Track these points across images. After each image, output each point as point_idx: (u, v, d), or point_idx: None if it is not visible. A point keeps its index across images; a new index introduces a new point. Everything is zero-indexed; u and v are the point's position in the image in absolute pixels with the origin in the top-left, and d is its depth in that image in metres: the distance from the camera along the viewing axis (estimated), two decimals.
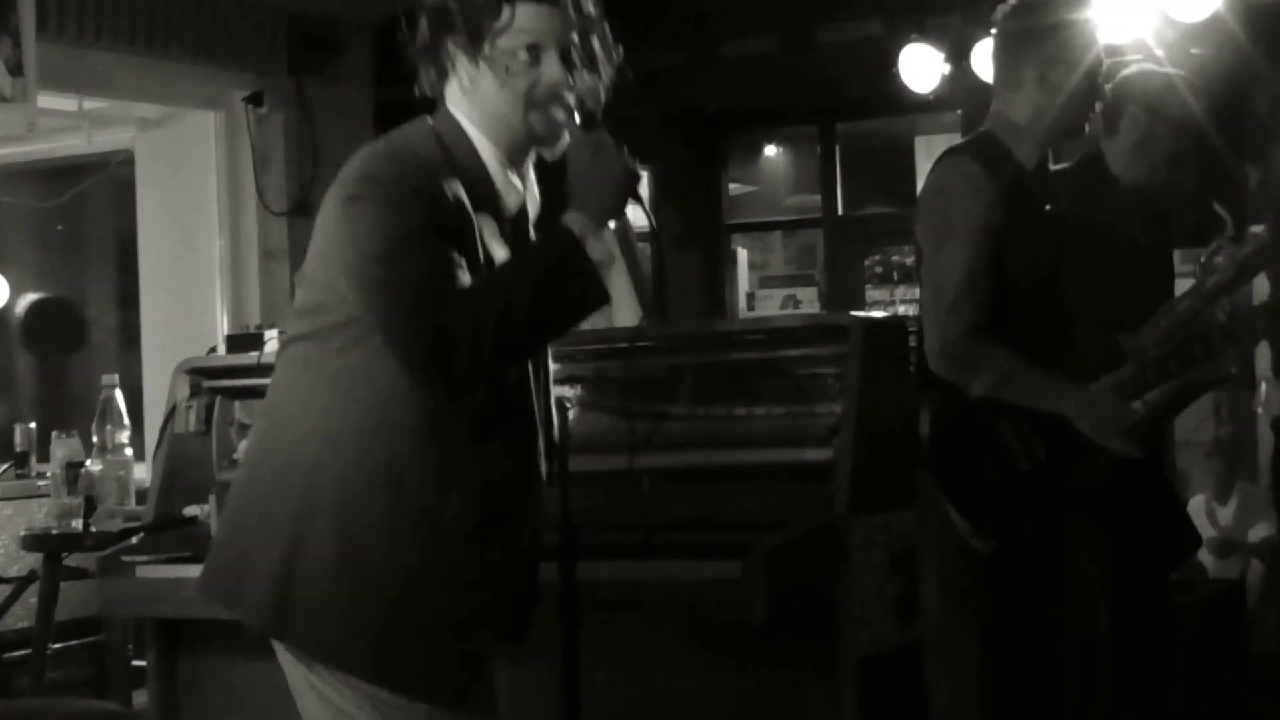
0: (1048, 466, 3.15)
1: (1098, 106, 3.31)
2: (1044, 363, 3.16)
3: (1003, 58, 3.32)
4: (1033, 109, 3.24)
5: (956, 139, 4.04)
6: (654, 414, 3.31)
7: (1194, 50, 5.48)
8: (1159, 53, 5.52)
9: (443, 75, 2.25)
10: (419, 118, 2.26)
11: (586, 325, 2.25)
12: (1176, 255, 3.93)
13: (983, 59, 5.73)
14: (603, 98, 2.32)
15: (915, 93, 6.32)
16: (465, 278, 2.11)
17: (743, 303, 8.92)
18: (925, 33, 6.29)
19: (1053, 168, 3.49)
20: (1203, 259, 3.50)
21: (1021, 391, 3.12)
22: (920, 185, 3.38)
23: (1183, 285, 3.64)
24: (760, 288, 9.29)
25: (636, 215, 2.37)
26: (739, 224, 9.18)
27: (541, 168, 2.34)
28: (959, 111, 7.22)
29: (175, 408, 3.75)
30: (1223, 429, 6.87)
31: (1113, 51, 3.65)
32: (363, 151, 2.22)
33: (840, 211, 8.45)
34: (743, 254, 9.25)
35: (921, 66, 6.27)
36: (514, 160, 2.28)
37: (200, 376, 3.75)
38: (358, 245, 2.14)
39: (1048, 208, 3.28)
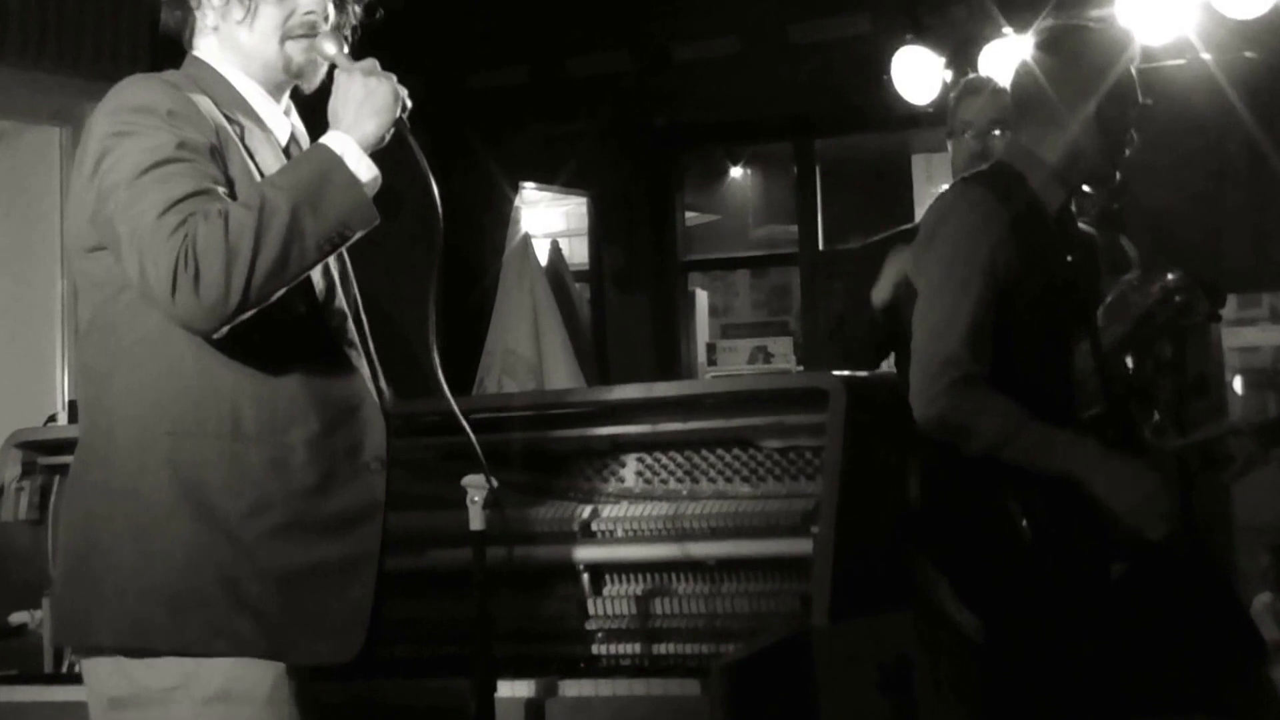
0: (1059, 543, 3.20)
1: (1128, 151, 3.42)
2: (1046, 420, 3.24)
3: (1043, 85, 3.41)
4: (1069, 148, 3.34)
5: None
6: (592, 496, 3.33)
7: (1247, 53, 5.61)
8: (1206, 55, 5.65)
9: (188, 15, 2.63)
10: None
11: (515, 387, 2.36)
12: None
13: (990, 66, 5.82)
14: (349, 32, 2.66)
15: (911, 103, 6.40)
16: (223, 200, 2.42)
17: (702, 356, 8.97)
18: (922, 33, 6.40)
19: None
20: (1107, 299, 3.63)
21: (1028, 448, 3.18)
22: (919, 213, 3.47)
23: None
24: (723, 338, 9.35)
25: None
26: (697, 261, 9.24)
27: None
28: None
29: (2, 490, 3.73)
30: None
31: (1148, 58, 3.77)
32: (106, 97, 2.53)
33: (821, 245, 8.52)
34: (702, 297, 9.31)
35: (918, 72, 6.36)
36: (276, 96, 2.64)
37: (34, 452, 3.74)
38: (117, 179, 2.44)
39: (1069, 259, 3.36)
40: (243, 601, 2.43)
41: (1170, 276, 3.81)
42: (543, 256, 7.84)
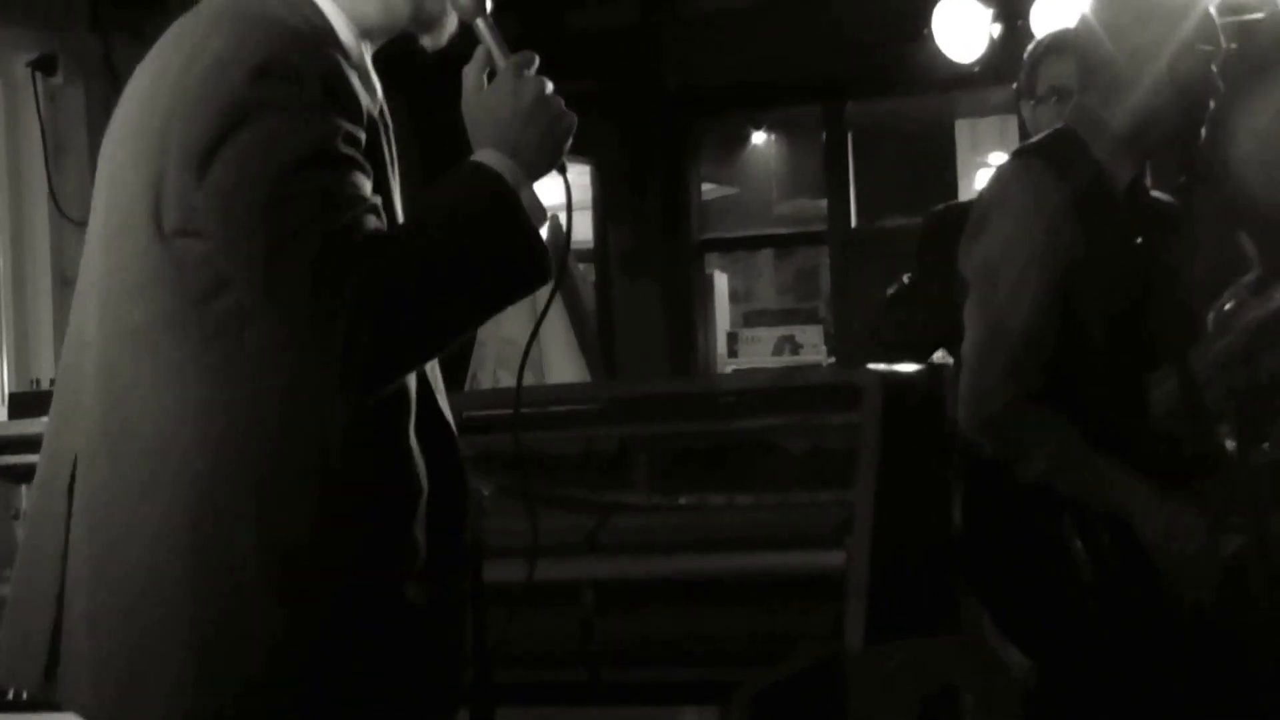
0: (1122, 577, 3.20)
1: (1211, 104, 3.38)
2: (1110, 439, 3.23)
3: (1104, 40, 3.38)
4: (1144, 113, 3.29)
5: (1010, 123, 4.12)
6: (600, 504, 3.34)
7: None
8: None
9: None
10: None
11: (511, 381, 2.29)
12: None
13: (1045, 18, 5.82)
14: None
15: (954, 62, 6.40)
16: (378, 216, 2.13)
17: (721, 348, 8.97)
18: None
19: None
20: (1220, 306, 3.61)
21: (1083, 484, 3.17)
22: (963, 185, 3.46)
23: None
24: (745, 326, 9.36)
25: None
26: (715, 239, 9.24)
27: None
28: (1014, 86, 7.29)
29: None
30: None
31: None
32: (204, 24, 2.17)
33: (854, 222, 8.52)
34: (721, 280, 9.31)
35: (963, 27, 6.36)
36: (373, 47, 2.31)
37: None
38: (247, 173, 2.09)
39: (1140, 241, 3.35)
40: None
41: None
42: (543, 234, 7.84)
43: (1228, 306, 3.71)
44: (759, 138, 9.73)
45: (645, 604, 3.22)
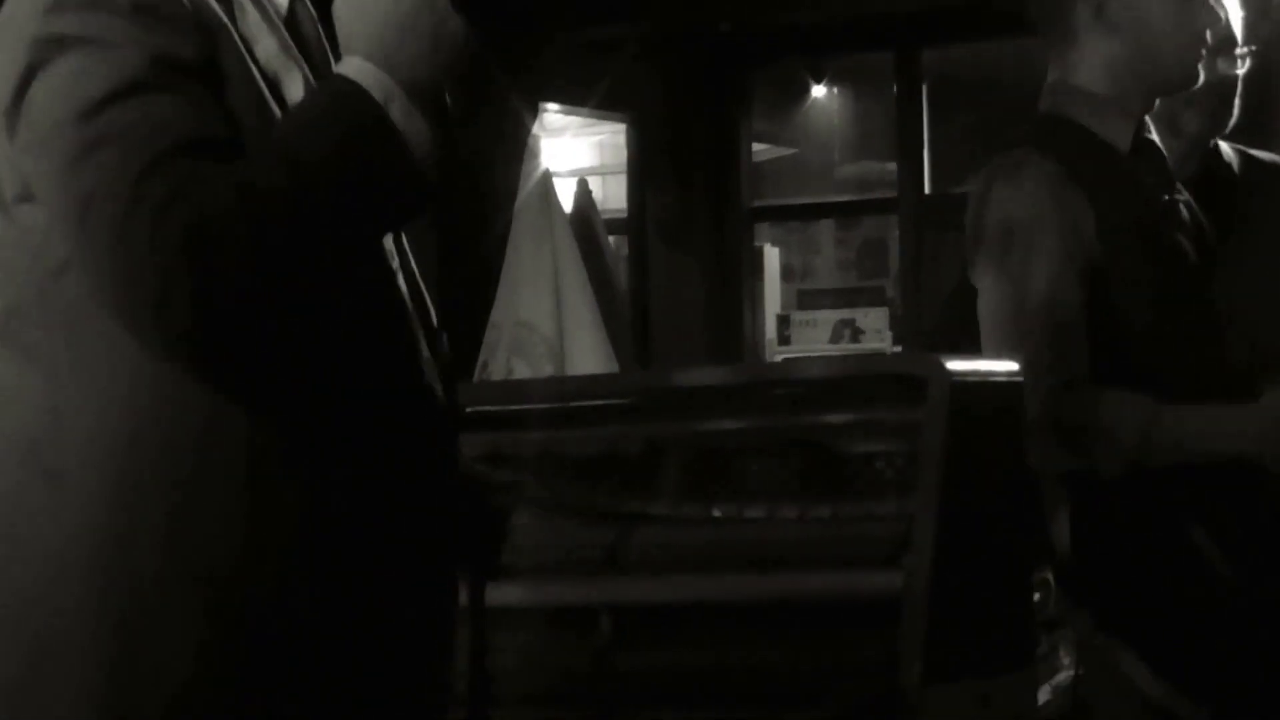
0: (1269, 572, 3.21)
1: (1209, 36, 3.42)
2: None
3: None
4: (1103, 66, 3.37)
5: None
6: (622, 515, 3.33)
7: None
8: None
9: None
10: None
11: (528, 370, 2.28)
12: None
13: None
14: None
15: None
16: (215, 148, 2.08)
17: (771, 332, 9.01)
18: None
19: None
20: None
21: (1171, 441, 3.19)
22: None
23: None
24: (799, 308, 9.39)
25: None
26: (767, 207, 9.28)
27: None
28: None
29: None
30: None
31: None
32: None
33: (928, 188, 8.55)
34: (772, 254, 9.35)
35: None
36: None
37: None
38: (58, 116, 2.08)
39: (1168, 198, 3.38)
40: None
41: None
42: (567, 201, 7.86)
43: None
44: (819, 90, 9.77)
45: (671, 632, 3.21)
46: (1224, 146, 3.90)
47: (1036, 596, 3.27)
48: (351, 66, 2.15)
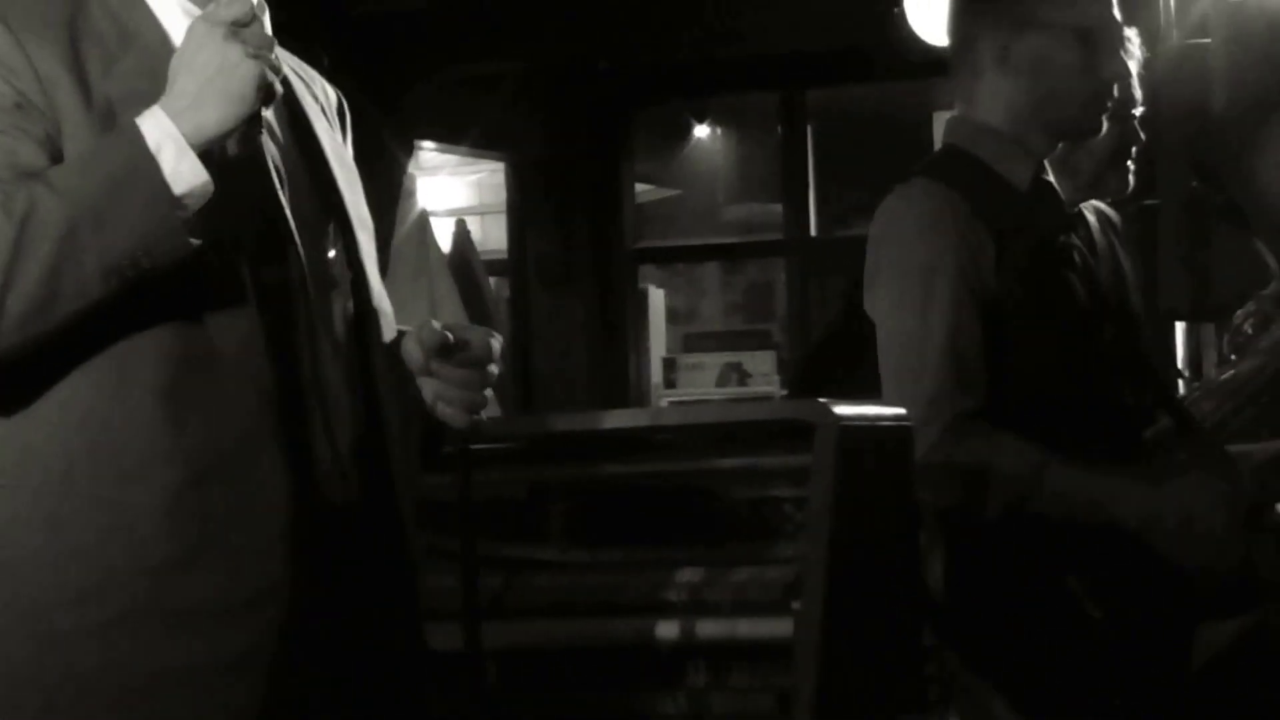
0: (1140, 623, 3.25)
1: (1115, 90, 3.48)
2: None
3: (953, 26, 3.50)
4: (1004, 106, 3.41)
5: None
6: (506, 560, 3.34)
7: None
8: None
9: None
10: None
11: None
12: None
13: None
14: None
15: (928, 44, 6.46)
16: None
17: (656, 376, 9.02)
18: None
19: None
20: (1235, 321, 3.69)
21: (1054, 497, 3.23)
22: None
23: None
24: (685, 351, 9.41)
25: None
26: (652, 249, 9.29)
27: None
28: None
29: None
30: None
31: None
32: None
33: (814, 230, 8.59)
34: (657, 296, 9.35)
35: (941, 5, 6.41)
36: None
37: None
38: None
39: (1063, 239, 3.43)
40: None
41: None
42: (445, 242, 7.87)
43: (1248, 325, 3.79)
44: (704, 131, 9.79)
45: (557, 677, 3.23)
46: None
47: None
48: (148, 113, 2.33)
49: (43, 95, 2.39)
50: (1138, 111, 3.97)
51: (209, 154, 2.33)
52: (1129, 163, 3.98)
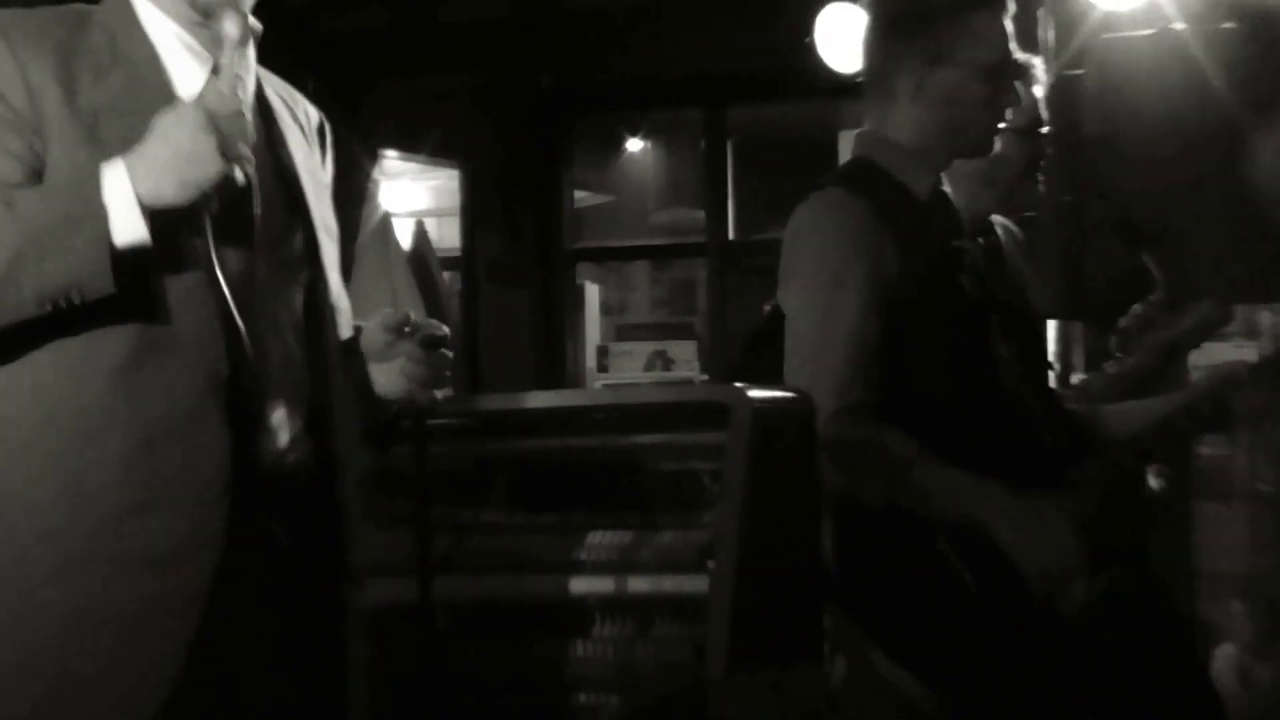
0: (1005, 587, 3.27)
1: (1009, 115, 3.51)
2: (960, 449, 3.30)
3: (870, 55, 3.51)
4: (914, 127, 3.43)
5: None
6: (456, 524, 3.36)
7: (1227, 24, 5.74)
8: (1179, 25, 5.79)
9: None
10: None
11: None
12: None
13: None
14: None
15: (835, 71, 6.48)
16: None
17: (591, 362, 9.01)
18: None
19: None
20: (1121, 324, 3.71)
21: (921, 492, 3.25)
22: None
23: None
24: (617, 340, 9.39)
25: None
26: (588, 249, 9.28)
27: None
28: None
29: None
30: (1262, 555, 7.09)
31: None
32: None
33: (732, 234, 8.59)
34: (593, 291, 9.34)
35: (847, 33, 6.43)
36: (196, 30, 2.53)
37: None
38: None
39: (956, 244, 3.45)
40: (18, 659, 2.40)
41: (1208, 307, 3.90)
42: (405, 240, 7.85)
43: (1133, 327, 3.82)
44: (636, 144, 9.78)
45: (501, 627, 3.25)
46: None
47: None
48: (113, 163, 2.34)
49: (29, 103, 2.41)
50: (1044, 130, 4.02)
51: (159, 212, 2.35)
52: (1039, 175, 4.03)
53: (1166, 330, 3.85)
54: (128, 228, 2.33)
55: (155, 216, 2.34)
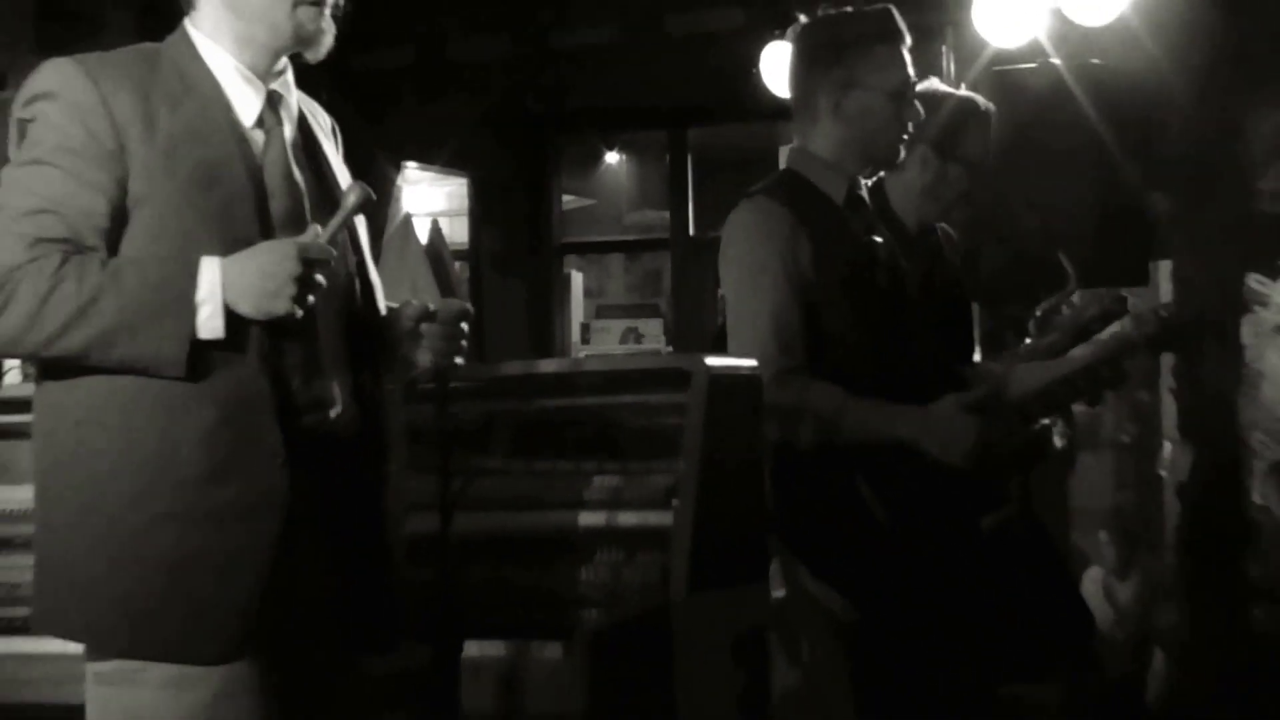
0: (913, 520, 3.28)
1: (907, 133, 3.50)
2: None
3: (795, 83, 3.50)
4: (833, 142, 3.42)
5: None
6: (465, 469, 3.33)
7: (1095, 60, 5.74)
8: (1056, 60, 5.79)
9: None
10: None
11: None
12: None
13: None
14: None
15: (777, 96, 6.48)
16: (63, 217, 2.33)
17: (576, 336, 9.01)
18: (790, 28, 6.46)
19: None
20: (1038, 312, 3.71)
21: (854, 424, 3.26)
22: None
23: None
24: (597, 318, 9.40)
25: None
26: (573, 243, 9.27)
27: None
28: None
29: None
30: (1123, 494, 7.13)
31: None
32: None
33: (692, 231, 8.59)
34: (577, 278, 9.35)
35: (786, 66, 6.43)
36: (263, 70, 2.49)
37: None
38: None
39: (874, 239, 3.45)
40: (125, 596, 2.35)
41: (1110, 297, 3.91)
42: (423, 235, 7.83)
43: (1046, 310, 3.82)
44: (612, 157, 9.79)
45: (503, 555, 3.23)
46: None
47: None
48: (210, 264, 2.33)
49: (115, 137, 2.36)
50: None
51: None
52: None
53: (1075, 315, 3.85)
54: (208, 326, 2.33)
55: (230, 317, 2.34)
